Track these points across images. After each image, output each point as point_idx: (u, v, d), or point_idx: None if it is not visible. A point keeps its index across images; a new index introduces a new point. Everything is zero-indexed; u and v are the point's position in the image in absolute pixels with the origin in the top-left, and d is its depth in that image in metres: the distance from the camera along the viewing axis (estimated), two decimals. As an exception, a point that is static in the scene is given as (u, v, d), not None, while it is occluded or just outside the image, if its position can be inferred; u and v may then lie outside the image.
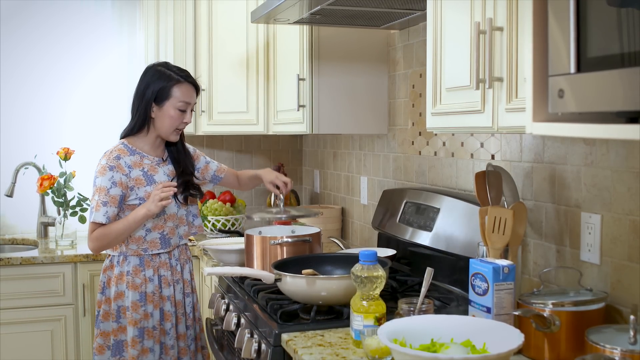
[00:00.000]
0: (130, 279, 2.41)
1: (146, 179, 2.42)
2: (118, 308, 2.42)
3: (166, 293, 2.46)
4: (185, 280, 2.54)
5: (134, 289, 2.40)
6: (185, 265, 2.55)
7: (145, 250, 2.43)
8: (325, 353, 1.67)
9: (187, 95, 2.43)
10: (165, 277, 2.46)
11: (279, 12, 2.44)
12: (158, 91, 2.40)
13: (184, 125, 2.46)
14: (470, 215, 2.11)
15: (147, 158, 2.46)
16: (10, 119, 3.77)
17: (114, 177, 2.36)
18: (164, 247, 2.46)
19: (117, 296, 2.42)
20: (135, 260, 2.42)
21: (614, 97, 1.02)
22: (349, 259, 2.17)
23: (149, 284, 2.43)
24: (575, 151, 1.78)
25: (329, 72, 2.83)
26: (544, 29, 1.20)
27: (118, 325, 2.42)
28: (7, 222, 3.77)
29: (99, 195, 2.36)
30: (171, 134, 2.45)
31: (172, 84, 2.41)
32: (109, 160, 2.39)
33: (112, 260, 2.47)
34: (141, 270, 2.42)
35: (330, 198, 3.63)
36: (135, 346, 2.38)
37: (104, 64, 3.89)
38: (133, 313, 2.39)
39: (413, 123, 2.70)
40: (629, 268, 1.61)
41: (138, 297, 2.40)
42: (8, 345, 3.21)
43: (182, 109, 2.42)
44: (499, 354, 1.34)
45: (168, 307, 2.46)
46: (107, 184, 2.36)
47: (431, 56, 1.81)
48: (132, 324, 2.39)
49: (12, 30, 3.75)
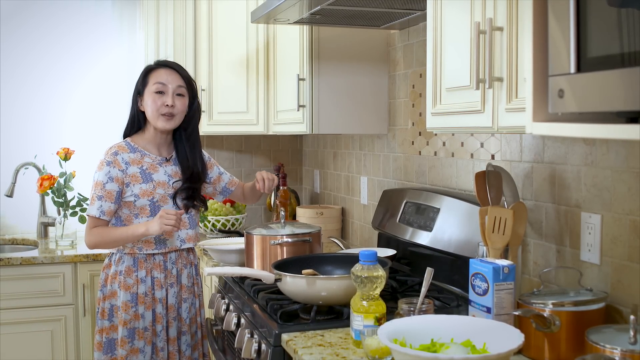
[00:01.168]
0: (122, 279, 2.41)
1: (143, 176, 2.41)
2: (111, 307, 2.43)
3: (158, 295, 2.43)
4: (183, 285, 2.48)
5: (125, 289, 2.40)
6: (183, 269, 2.49)
7: (140, 249, 2.41)
8: (325, 353, 1.67)
9: (160, 77, 2.42)
10: (158, 279, 2.43)
11: (279, 12, 2.44)
12: (138, 83, 2.47)
13: (166, 109, 2.40)
14: (470, 215, 2.11)
15: (148, 156, 2.45)
16: (10, 119, 3.77)
17: (111, 173, 2.37)
18: (159, 247, 2.43)
19: (110, 295, 2.43)
20: (129, 261, 2.42)
21: (614, 97, 1.02)
22: (349, 259, 2.17)
23: (141, 285, 2.41)
24: (575, 151, 1.78)
25: (329, 72, 2.83)
26: (544, 29, 1.20)
27: (110, 323, 2.43)
28: (7, 222, 3.77)
29: (95, 189, 2.38)
30: (157, 119, 2.41)
31: (147, 71, 2.46)
32: (107, 156, 2.41)
33: (110, 258, 2.48)
34: (134, 270, 2.41)
35: (330, 198, 3.63)
36: (125, 346, 2.38)
37: (104, 64, 3.90)
38: (123, 313, 2.39)
39: (413, 123, 2.70)
40: (629, 268, 1.61)
41: (129, 298, 2.39)
42: (8, 345, 3.21)
43: (158, 90, 2.40)
44: (499, 354, 1.34)
45: (159, 310, 2.43)
46: (104, 179, 2.37)
47: (431, 56, 1.81)
48: (122, 324, 2.39)
49: (12, 30, 3.76)
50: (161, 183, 2.44)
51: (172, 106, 2.41)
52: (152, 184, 2.42)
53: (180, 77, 2.45)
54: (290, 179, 4.07)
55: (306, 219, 3.32)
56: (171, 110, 2.41)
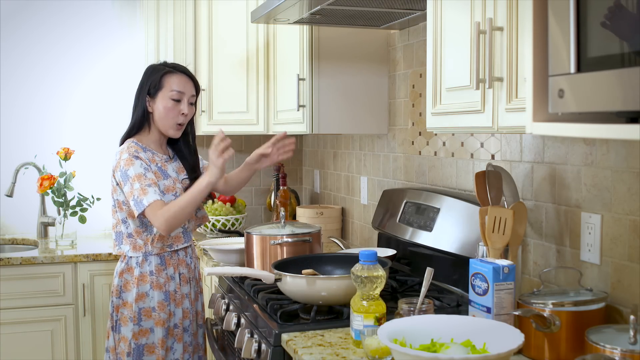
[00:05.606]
0: (154, 278, 2.37)
1: (162, 174, 2.40)
2: (139, 310, 2.36)
3: (185, 291, 2.45)
4: (197, 279, 2.54)
5: (158, 289, 2.37)
6: (196, 263, 2.56)
7: (171, 246, 2.40)
8: (325, 353, 1.67)
9: (179, 84, 2.40)
10: (184, 274, 2.46)
11: (279, 12, 2.44)
12: (150, 83, 2.40)
13: (182, 119, 2.41)
14: (470, 215, 2.11)
15: (157, 155, 2.44)
16: (10, 119, 3.77)
17: (143, 164, 2.33)
18: (187, 240, 2.46)
19: (139, 298, 2.36)
20: (156, 260, 2.39)
21: (614, 97, 1.02)
22: (349, 259, 2.17)
23: (171, 283, 2.41)
24: (575, 151, 1.78)
25: (329, 72, 2.83)
26: (544, 29, 1.20)
27: (139, 328, 2.36)
28: (7, 222, 3.77)
29: (139, 182, 2.28)
30: (170, 128, 2.41)
31: (162, 73, 2.41)
32: (130, 154, 2.33)
33: (129, 262, 2.40)
34: (163, 269, 2.40)
35: (330, 198, 3.63)
36: (163, 346, 2.37)
37: (104, 64, 3.90)
38: (160, 313, 2.36)
39: (413, 123, 2.70)
40: (629, 268, 1.61)
41: (163, 297, 2.38)
42: (8, 345, 3.21)
43: (175, 98, 2.38)
44: (499, 354, 1.34)
45: (187, 305, 2.45)
46: (141, 170, 2.31)
47: (431, 56, 1.81)
48: (160, 324, 2.36)
49: (12, 30, 3.76)
50: (176, 179, 2.45)
51: (186, 115, 2.42)
52: (170, 179, 2.42)
53: (194, 86, 2.45)
54: (290, 179, 4.06)
55: (306, 219, 3.32)
56: (185, 120, 2.43)
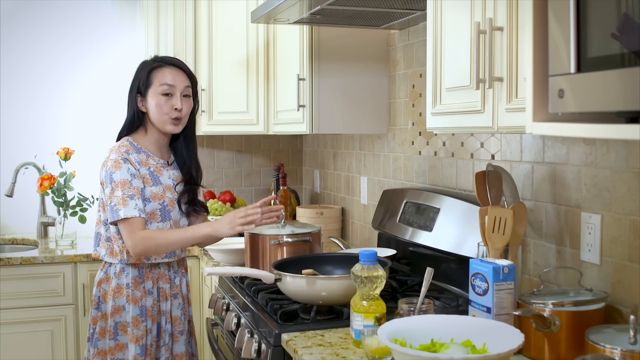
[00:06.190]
0: (130, 292, 2.24)
1: (152, 179, 2.27)
2: (115, 324, 2.25)
3: (163, 308, 2.31)
4: (184, 295, 2.39)
5: (134, 303, 2.24)
6: (183, 278, 2.40)
7: (148, 258, 2.26)
8: (325, 353, 1.67)
9: (167, 77, 2.26)
10: (163, 289, 2.31)
11: (279, 12, 2.44)
12: (140, 82, 2.29)
13: (177, 114, 2.27)
14: (470, 215, 2.11)
15: (152, 158, 2.31)
16: (10, 119, 3.77)
17: (131, 169, 2.21)
18: (168, 256, 2.31)
19: (115, 311, 2.25)
20: (134, 272, 2.26)
21: (614, 97, 1.02)
22: (349, 259, 2.17)
23: (148, 297, 2.27)
24: (575, 151, 1.78)
25: (329, 72, 2.83)
26: (544, 29, 1.20)
27: (115, 343, 2.25)
28: (7, 222, 3.77)
29: (122, 189, 2.17)
30: (165, 123, 2.28)
31: (150, 69, 2.29)
32: (120, 154, 2.22)
33: (107, 272, 2.29)
34: (140, 282, 2.26)
35: (330, 198, 3.63)
36: None
37: (104, 64, 3.90)
38: (134, 329, 2.23)
39: (413, 123, 2.70)
40: (629, 268, 1.61)
41: (138, 312, 2.24)
42: (8, 345, 3.21)
43: (165, 92, 2.26)
44: (499, 354, 1.34)
45: (163, 323, 2.30)
46: (128, 177, 2.19)
47: (431, 56, 1.81)
48: (134, 341, 2.22)
49: (12, 30, 3.75)
50: (168, 187, 2.32)
51: (180, 110, 2.28)
52: (161, 186, 2.29)
53: (187, 77, 2.32)
54: (290, 179, 4.07)
55: (306, 219, 3.32)
56: (180, 114, 2.29)
